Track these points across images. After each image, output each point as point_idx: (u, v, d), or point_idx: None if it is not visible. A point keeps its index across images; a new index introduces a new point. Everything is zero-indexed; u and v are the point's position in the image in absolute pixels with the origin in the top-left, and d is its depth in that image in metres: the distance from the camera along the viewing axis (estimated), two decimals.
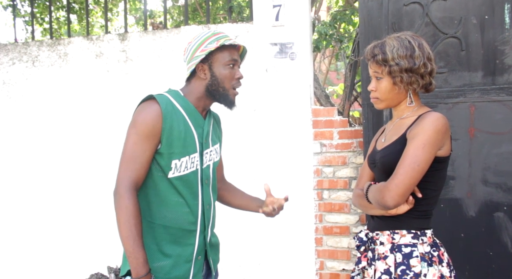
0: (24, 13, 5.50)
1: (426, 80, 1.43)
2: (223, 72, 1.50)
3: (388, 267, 1.39)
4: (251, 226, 2.96)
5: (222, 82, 1.50)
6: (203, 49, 1.48)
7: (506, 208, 2.34)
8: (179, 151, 1.44)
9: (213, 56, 1.49)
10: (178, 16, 6.73)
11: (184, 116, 1.47)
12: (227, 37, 1.50)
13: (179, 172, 1.45)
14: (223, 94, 1.52)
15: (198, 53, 1.48)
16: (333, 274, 2.84)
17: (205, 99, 1.54)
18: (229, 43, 1.48)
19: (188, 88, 1.55)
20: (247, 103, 2.99)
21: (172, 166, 1.44)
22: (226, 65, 1.50)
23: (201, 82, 1.52)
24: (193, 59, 1.49)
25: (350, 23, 4.81)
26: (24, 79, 3.40)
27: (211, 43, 1.48)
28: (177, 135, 1.43)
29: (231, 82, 1.51)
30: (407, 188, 1.31)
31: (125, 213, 1.34)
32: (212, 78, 1.50)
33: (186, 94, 1.53)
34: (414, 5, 2.50)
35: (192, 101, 1.52)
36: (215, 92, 1.51)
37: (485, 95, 2.38)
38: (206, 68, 1.50)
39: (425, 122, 1.35)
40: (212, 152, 1.58)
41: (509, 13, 2.36)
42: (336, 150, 2.83)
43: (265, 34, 2.93)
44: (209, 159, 1.56)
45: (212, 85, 1.50)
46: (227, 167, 3.03)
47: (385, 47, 1.43)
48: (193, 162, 1.48)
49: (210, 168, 1.57)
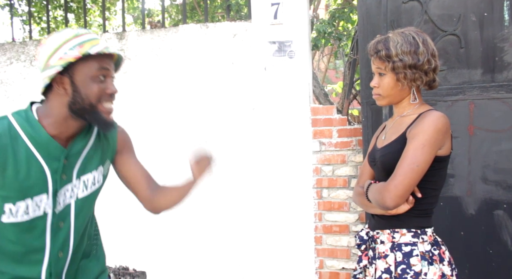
0: (21, 12, 5.49)
1: (429, 76, 1.41)
2: (90, 87, 1.14)
3: (388, 266, 1.38)
4: (251, 226, 2.96)
5: (89, 99, 1.15)
6: (62, 56, 1.11)
7: (506, 206, 2.34)
8: (15, 195, 1.12)
9: (76, 66, 1.13)
10: (176, 15, 6.72)
11: (30, 150, 1.13)
12: (93, 41, 1.15)
13: (15, 217, 1.14)
14: (92, 113, 1.16)
15: (55, 61, 1.11)
16: (332, 273, 2.83)
17: (70, 121, 1.17)
18: (97, 52, 1.12)
19: (46, 106, 1.18)
20: (246, 102, 2.98)
21: (5, 210, 1.13)
22: (94, 78, 1.15)
23: (60, 99, 1.15)
24: (47, 69, 1.13)
25: (348, 21, 4.81)
26: (22, 79, 3.38)
27: (72, 49, 1.12)
28: (12, 174, 1.11)
29: (102, 99, 1.17)
30: (407, 189, 1.30)
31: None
32: (74, 94, 1.13)
33: (43, 115, 1.17)
34: (412, 3, 2.49)
35: (49, 125, 1.16)
36: (81, 111, 1.15)
37: (484, 93, 2.37)
38: (67, 81, 1.13)
39: (425, 121, 1.34)
40: (77, 187, 1.23)
41: (508, 10, 2.35)
42: (335, 148, 2.83)
43: (263, 32, 2.92)
44: (70, 196, 1.22)
45: (75, 103, 1.14)
46: (227, 167, 3.03)
47: (388, 43, 1.40)
48: (38, 206, 1.16)
49: (72, 207, 1.23)
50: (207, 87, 3.06)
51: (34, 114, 1.16)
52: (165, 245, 3.11)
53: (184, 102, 3.09)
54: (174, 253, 3.09)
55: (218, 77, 3.03)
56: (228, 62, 3.02)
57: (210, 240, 3.03)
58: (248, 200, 2.97)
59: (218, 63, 3.04)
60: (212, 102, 3.04)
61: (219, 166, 3.03)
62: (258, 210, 2.94)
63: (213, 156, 1.35)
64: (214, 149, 1.42)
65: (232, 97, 3.01)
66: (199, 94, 3.07)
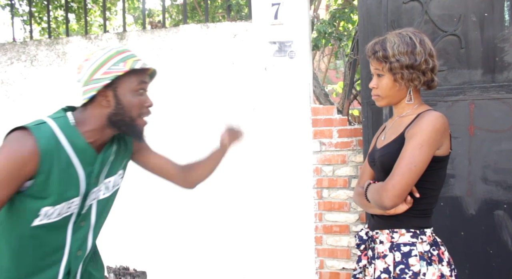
0: (22, 12, 5.49)
1: (427, 76, 1.42)
2: (132, 100, 1.23)
3: (387, 266, 1.38)
4: (251, 225, 2.96)
5: (130, 112, 1.24)
6: (106, 71, 1.20)
7: (506, 206, 2.34)
8: (55, 200, 1.17)
9: (119, 80, 1.22)
10: (176, 15, 6.72)
11: (69, 156, 1.19)
12: (135, 57, 1.26)
13: (48, 219, 1.19)
14: (130, 125, 1.26)
15: (100, 75, 1.20)
16: (333, 273, 2.83)
17: (106, 130, 1.26)
18: (140, 67, 1.23)
19: (83, 115, 1.24)
20: (246, 102, 2.98)
21: (40, 214, 1.17)
22: (135, 91, 1.24)
23: (101, 110, 1.23)
24: (92, 82, 1.21)
25: (349, 21, 4.81)
26: (23, 79, 3.39)
27: (117, 64, 1.21)
28: (56, 180, 1.16)
29: (141, 112, 1.26)
30: (404, 189, 1.30)
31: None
32: (117, 106, 1.22)
33: (80, 123, 1.22)
34: (413, 3, 2.49)
35: (86, 132, 1.22)
36: (120, 123, 1.24)
37: (484, 93, 2.37)
38: (110, 94, 1.22)
39: (423, 121, 1.34)
40: (100, 190, 1.31)
41: (508, 11, 2.35)
42: (335, 148, 2.83)
43: (264, 32, 2.92)
44: (93, 198, 1.30)
45: (117, 115, 1.23)
46: (228, 167, 3.02)
47: (385, 44, 1.41)
48: (69, 207, 1.22)
49: (94, 207, 1.31)
50: (207, 87, 3.06)
51: (71, 121, 1.22)
52: (165, 245, 3.11)
53: (184, 102, 3.09)
54: (174, 253, 3.10)
55: (218, 77, 3.04)
56: (229, 62, 3.02)
57: (210, 240, 3.03)
58: (249, 200, 2.97)
59: (219, 63, 3.04)
60: (213, 102, 3.04)
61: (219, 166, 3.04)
62: (258, 210, 2.94)
63: (243, 130, 1.54)
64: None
65: (232, 97, 3.01)
66: (199, 94, 3.07)
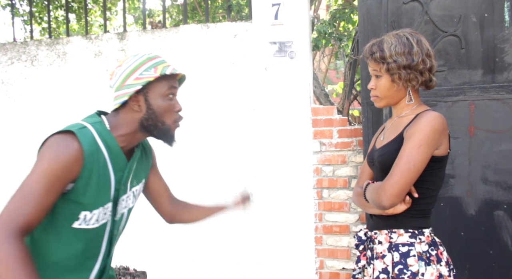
0: (22, 12, 5.49)
1: (425, 76, 1.42)
2: (162, 105, 1.26)
3: (386, 266, 1.39)
4: (251, 225, 2.96)
5: (161, 116, 1.27)
6: (138, 77, 1.23)
7: (506, 206, 2.34)
8: (93, 203, 1.20)
9: (150, 85, 1.25)
10: (177, 15, 6.73)
11: (106, 159, 1.21)
12: (165, 63, 1.28)
13: (86, 224, 1.21)
14: (163, 129, 1.29)
15: (132, 81, 1.23)
16: (333, 273, 2.83)
17: (137, 135, 1.28)
18: (170, 72, 1.25)
19: (116, 119, 1.27)
20: (246, 102, 2.98)
21: (80, 217, 1.19)
22: (165, 96, 1.27)
23: (133, 114, 1.26)
24: (124, 88, 1.24)
25: (349, 22, 4.82)
26: (23, 79, 3.39)
27: (148, 70, 1.24)
28: (94, 185, 1.18)
29: (172, 116, 1.30)
30: (403, 188, 1.31)
31: (6, 264, 1.01)
32: (148, 111, 1.25)
33: (114, 128, 1.25)
34: (413, 3, 2.49)
35: (118, 137, 1.25)
36: (152, 127, 1.27)
37: (484, 93, 2.37)
38: (141, 99, 1.25)
39: (422, 121, 1.35)
40: (129, 198, 1.34)
41: (508, 11, 2.35)
42: (335, 149, 2.83)
43: (264, 32, 2.92)
44: (124, 206, 1.32)
45: (148, 119, 1.26)
46: (228, 167, 3.03)
47: (383, 45, 1.42)
48: (105, 213, 1.25)
49: (124, 217, 1.35)
50: (207, 87, 3.06)
51: (107, 125, 1.24)
52: (165, 245, 3.11)
53: (184, 102, 3.08)
54: (174, 253, 3.10)
55: (218, 78, 3.04)
56: (229, 63, 3.03)
57: (210, 240, 3.03)
58: None
59: (219, 63, 3.04)
60: (213, 102, 3.04)
61: (219, 166, 3.04)
62: (258, 210, 2.95)
63: (252, 199, 1.58)
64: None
65: (232, 97, 3.01)
66: (199, 94, 3.07)
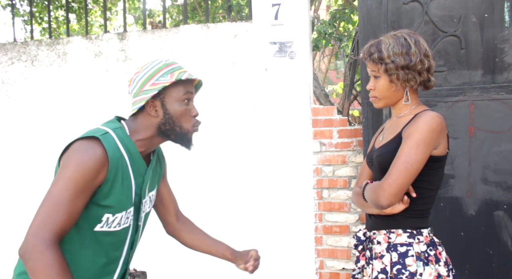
0: (23, 12, 5.49)
1: (423, 77, 1.43)
2: (178, 109, 1.28)
3: (384, 266, 1.39)
4: (251, 225, 2.96)
5: (178, 121, 1.29)
6: (154, 82, 1.26)
7: (506, 206, 2.34)
8: (116, 207, 1.22)
9: (166, 91, 1.27)
10: (177, 15, 6.73)
11: (127, 164, 1.24)
12: (182, 69, 1.30)
13: (108, 227, 1.23)
14: (181, 134, 1.31)
15: (148, 86, 1.26)
16: (333, 273, 2.83)
17: (155, 139, 1.31)
18: (186, 77, 1.28)
19: (135, 124, 1.30)
20: (247, 102, 2.98)
21: (102, 220, 1.22)
22: (181, 101, 1.29)
23: (151, 119, 1.29)
24: (141, 93, 1.27)
25: (349, 22, 4.82)
26: (23, 79, 3.39)
27: (164, 75, 1.27)
28: (118, 189, 1.21)
29: (189, 121, 1.31)
30: (401, 188, 1.31)
31: (49, 274, 1.05)
32: (165, 116, 1.28)
33: (133, 133, 1.28)
34: (413, 4, 2.49)
35: (138, 141, 1.28)
36: (170, 132, 1.30)
37: (484, 94, 2.38)
38: (158, 104, 1.27)
39: (420, 121, 1.35)
40: (147, 203, 1.36)
41: (508, 11, 2.36)
42: (335, 149, 2.83)
43: (264, 33, 2.92)
44: (143, 211, 1.35)
45: (166, 124, 1.28)
46: (228, 167, 3.03)
47: (380, 45, 1.43)
48: (128, 218, 1.27)
49: (142, 220, 1.37)
50: (207, 87, 3.06)
51: (127, 131, 1.27)
52: (165, 245, 3.11)
53: None
54: (174, 253, 3.10)
55: (218, 78, 3.04)
56: (229, 63, 3.03)
57: None
58: (249, 201, 2.97)
59: (219, 64, 3.05)
60: (213, 102, 3.04)
61: (219, 167, 3.04)
62: (258, 210, 2.95)
63: (259, 262, 1.62)
64: None
65: (232, 97, 3.01)
66: (199, 95, 3.06)
